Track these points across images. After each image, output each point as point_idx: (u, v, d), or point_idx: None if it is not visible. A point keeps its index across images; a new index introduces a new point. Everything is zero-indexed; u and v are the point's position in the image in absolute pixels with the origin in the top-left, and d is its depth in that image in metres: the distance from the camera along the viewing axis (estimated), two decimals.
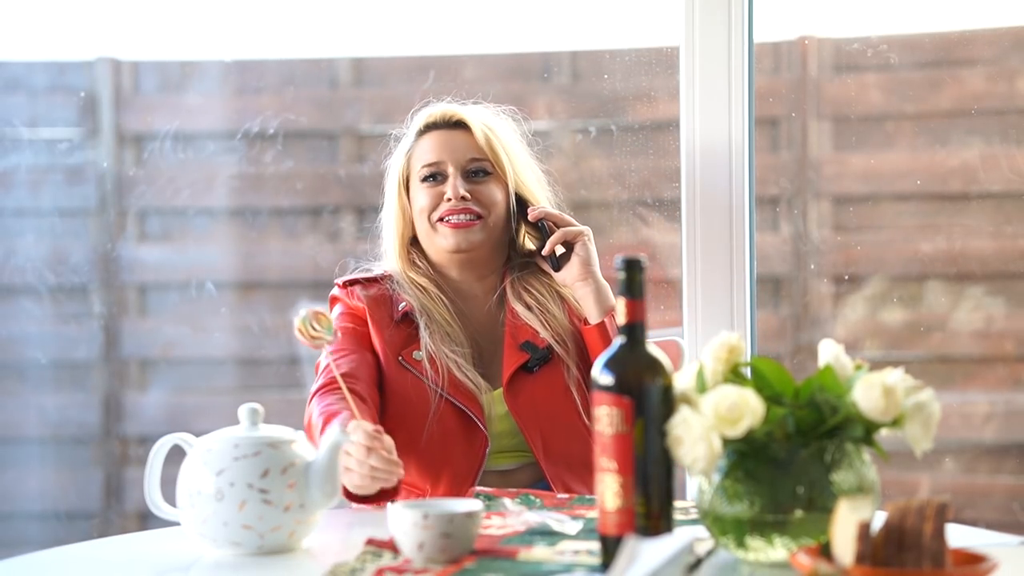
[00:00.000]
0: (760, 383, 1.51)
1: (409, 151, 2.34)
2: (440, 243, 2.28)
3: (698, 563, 1.51)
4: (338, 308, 2.31)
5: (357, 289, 2.32)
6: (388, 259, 2.37)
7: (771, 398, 1.50)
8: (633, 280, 1.50)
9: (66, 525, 3.45)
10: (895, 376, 1.50)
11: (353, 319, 2.29)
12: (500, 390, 2.24)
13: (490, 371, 2.28)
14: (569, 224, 2.29)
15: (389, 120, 3.46)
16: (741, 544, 1.51)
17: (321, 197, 3.43)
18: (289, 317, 3.44)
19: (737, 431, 1.46)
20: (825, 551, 1.39)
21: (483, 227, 2.27)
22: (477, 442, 2.18)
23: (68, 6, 3.48)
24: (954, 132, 3.17)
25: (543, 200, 2.36)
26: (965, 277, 3.15)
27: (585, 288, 2.26)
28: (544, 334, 2.25)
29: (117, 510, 3.45)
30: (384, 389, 2.24)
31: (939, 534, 1.34)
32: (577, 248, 2.27)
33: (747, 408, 1.46)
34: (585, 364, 2.25)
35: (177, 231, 3.48)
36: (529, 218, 2.29)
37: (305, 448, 1.70)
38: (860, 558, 1.32)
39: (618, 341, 1.51)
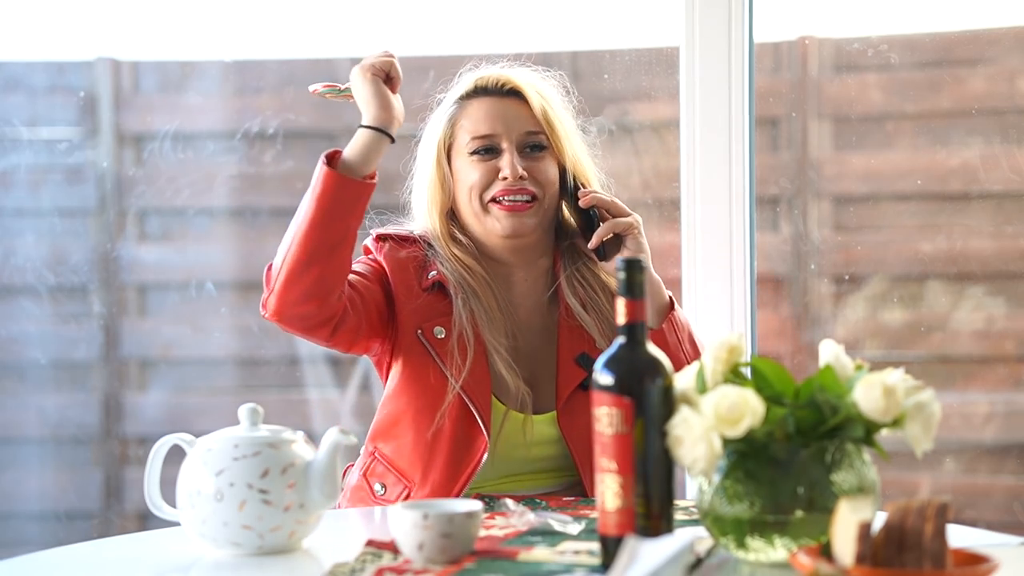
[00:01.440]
0: (760, 383, 1.51)
1: (454, 116, 2.11)
2: (492, 227, 2.07)
3: (698, 563, 1.50)
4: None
5: (388, 246, 2.10)
6: (423, 227, 2.15)
7: (771, 398, 1.50)
8: (633, 280, 1.50)
9: (66, 525, 3.45)
10: (895, 376, 1.50)
11: (374, 267, 2.09)
12: (552, 413, 2.04)
13: (536, 381, 2.08)
14: (620, 213, 2.07)
15: None
16: (741, 544, 1.51)
17: None
18: None
19: (737, 431, 1.46)
20: (825, 551, 1.39)
21: (537, 210, 2.06)
22: (475, 447, 2.01)
23: (68, 6, 3.48)
24: (954, 132, 3.17)
25: (593, 176, 2.14)
26: (965, 277, 3.14)
27: None
28: (602, 343, 2.04)
29: (117, 510, 3.44)
30: (397, 362, 2.07)
31: (940, 534, 1.34)
32: (627, 243, 2.05)
33: (747, 408, 1.46)
34: None
35: (177, 231, 3.48)
36: (580, 204, 2.07)
37: (305, 448, 1.70)
38: (860, 558, 1.32)
39: (618, 341, 1.51)
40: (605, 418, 1.48)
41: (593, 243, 2.06)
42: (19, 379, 3.47)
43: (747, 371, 1.56)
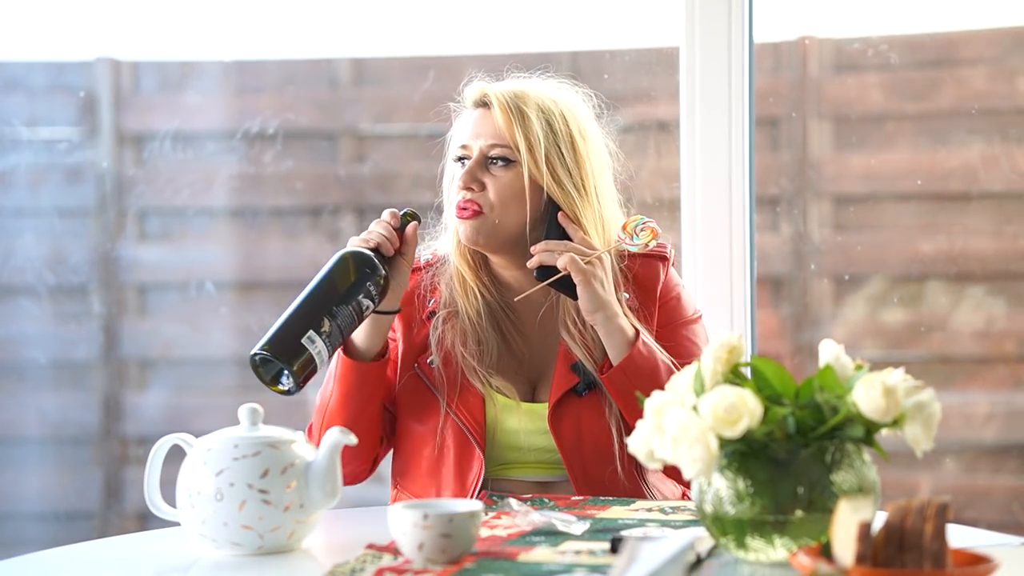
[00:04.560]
0: (760, 383, 1.51)
1: (452, 130, 2.14)
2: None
3: (698, 563, 1.50)
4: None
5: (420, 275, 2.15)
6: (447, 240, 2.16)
7: (771, 398, 1.50)
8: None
9: (66, 525, 3.45)
10: (896, 376, 1.50)
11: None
12: (544, 404, 2.05)
13: (538, 385, 2.10)
14: (574, 250, 1.99)
15: (389, 120, 3.46)
16: (741, 545, 1.51)
17: (321, 197, 3.43)
18: None
19: (735, 432, 1.45)
20: (825, 552, 1.39)
21: (483, 223, 2.03)
22: (473, 466, 2.03)
23: (67, 6, 3.48)
24: (955, 132, 3.17)
25: (588, 196, 2.05)
26: (966, 277, 3.14)
27: (596, 325, 2.00)
28: (589, 367, 2.04)
29: (117, 510, 3.44)
30: (400, 400, 2.10)
31: (940, 534, 1.34)
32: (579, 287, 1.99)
33: (745, 408, 1.45)
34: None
35: (177, 231, 3.48)
36: (528, 264, 2.02)
37: (305, 448, 1.70)
38: (860, 559, 1.32)
39: None
40: None
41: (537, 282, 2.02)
42: (19, 379, 3.47)
43: (747, 371, 1.56)
